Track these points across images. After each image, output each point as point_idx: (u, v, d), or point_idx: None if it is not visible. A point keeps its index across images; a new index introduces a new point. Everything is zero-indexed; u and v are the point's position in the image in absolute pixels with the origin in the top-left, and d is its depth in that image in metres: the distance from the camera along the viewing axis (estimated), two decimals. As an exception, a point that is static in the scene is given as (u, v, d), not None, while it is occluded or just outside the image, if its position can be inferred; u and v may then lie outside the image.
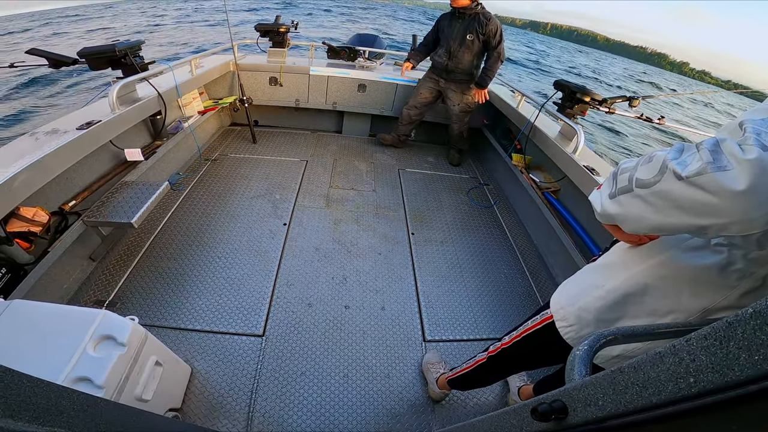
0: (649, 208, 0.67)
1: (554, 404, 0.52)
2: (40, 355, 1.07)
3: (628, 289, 0.86)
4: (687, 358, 0.37)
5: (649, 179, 0.66)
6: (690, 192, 0.60)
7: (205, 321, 1.93)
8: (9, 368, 0.49)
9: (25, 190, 1.58)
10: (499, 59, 3.19)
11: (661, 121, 2.89)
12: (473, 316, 2.22)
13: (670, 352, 0.39)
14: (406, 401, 1.76)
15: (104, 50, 2.35)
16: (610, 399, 0.45)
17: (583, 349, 0.62)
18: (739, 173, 0.54)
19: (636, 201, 0.70)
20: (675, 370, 0.38)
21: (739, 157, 0.54)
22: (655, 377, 0.40)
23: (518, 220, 3.16)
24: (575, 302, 0.97)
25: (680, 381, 0.37)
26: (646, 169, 0.68)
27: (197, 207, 2.73)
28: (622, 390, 0.44)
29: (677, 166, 0.61)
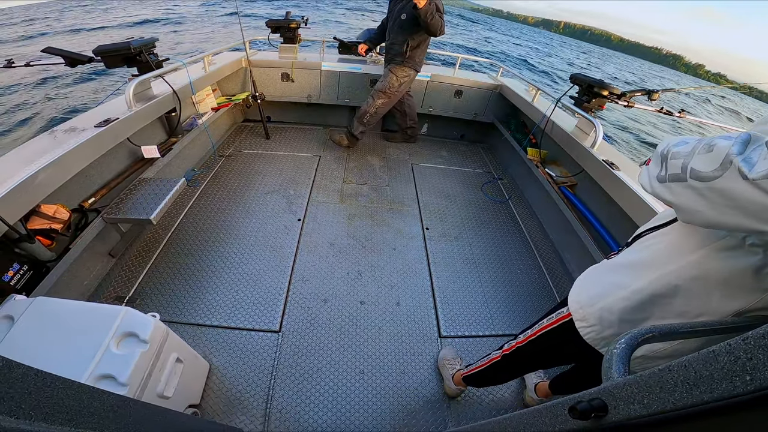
0: (706, 204, 0.62)
1: (593, 402, 0.52)
2: (64, 353, 1.08)
3: (656, 290, 0.82)
4: (743, 356, 0.37)
5: (708, 173, 0.60)
6: (756, 195, 0.54)
7: (222, 317, 1.95)
8: (42, 371, 0.49)
9: (45, 188, 1.60)
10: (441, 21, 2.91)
11: (682, 114, 2.83)
12: (489, 312, 2.20)
13: (725, 351, 0.39)
14: (421, 398, 1.76)
15: (119, 48, 2.36)
16: (657, 397, 0.44)
17: (621, 348, 0.61)
18: None
19: (691, 193, 0.65)
20: (730, 368, 0.38)
21: None
22: (707, 375, 0.40)
23: (533, 215, 3.12)
24: (596, 302, 0.94)
25: (735, 379, 0.37)
26: (704, 159, 0.62)
27: (213, 203, 2.75)
28: (671, 388, 0.43)
29: (743, 163, 0.55)
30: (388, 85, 3.33)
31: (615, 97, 2.67)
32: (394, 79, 3.30)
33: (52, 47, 2.29)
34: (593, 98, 2.73)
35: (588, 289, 1.01)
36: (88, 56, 2.34)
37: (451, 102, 4.06)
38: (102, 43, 2.39)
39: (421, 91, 3.98)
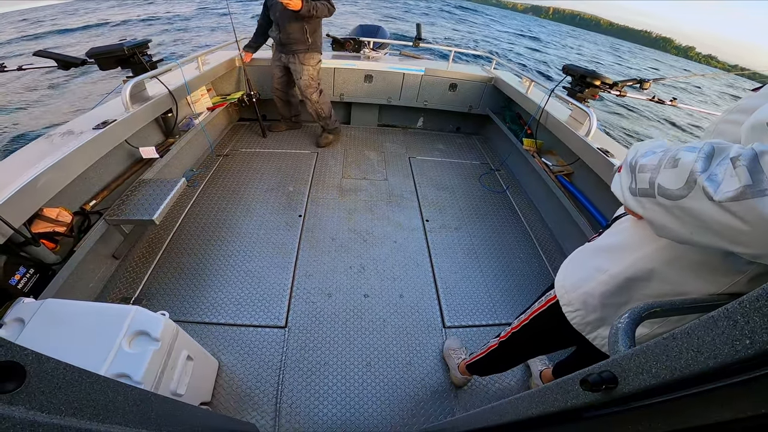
0: (676, 222, 0.61)
1: (603, 374, 0.53)
2: (76, 353, 1.09)
3: (632, 274, 0.82)
4: (741, 320, 0.38)
5: (674, 191, 0.59)
6: (723, 217, 0.52)
7: (228, 314, 1.96)
8: (70, 365, 0.50)
9: (47, 191, 1.61)
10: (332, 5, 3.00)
11: (674, 102, 2.85)
12: (491, 301, 2.23)
13: (724, 316, 0.40)
14: (428, 388, 1.78)
15: (112, 50, 2.34)
16: (664, 366, 0.45)
17: (624, 322, 0.62)
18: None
19: (660, 210, 0.63)
20: (730, 333, 0.38)
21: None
22: (710, 341, 0.40)
23: (532, 204, 3.15)
24: (579, 287, 0.95)
25: (736, 343, 0.37)
26: (670, 175, 0.60)
27: (213, 202, 2.75)
28: (676, 356, 0.44)
29: (708, 182, 0.53)
30: (309, 79, 3.30)
31: (607, 87, 2.69)
32: (311, 69, 3.26)
33: (44, 50, 2.28)
34: (586, 88, 2.74)
35: (572, 273, 1.01)
36: (81, 58, 2.33)
37: (446, 95, 4.07)
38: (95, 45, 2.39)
39: (415, 85, 3.98)
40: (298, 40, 3.09)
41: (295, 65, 3.25)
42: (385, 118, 4.40)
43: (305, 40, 3.10)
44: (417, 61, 4.15)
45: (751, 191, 0.49)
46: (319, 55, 3.29)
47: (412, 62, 4.07)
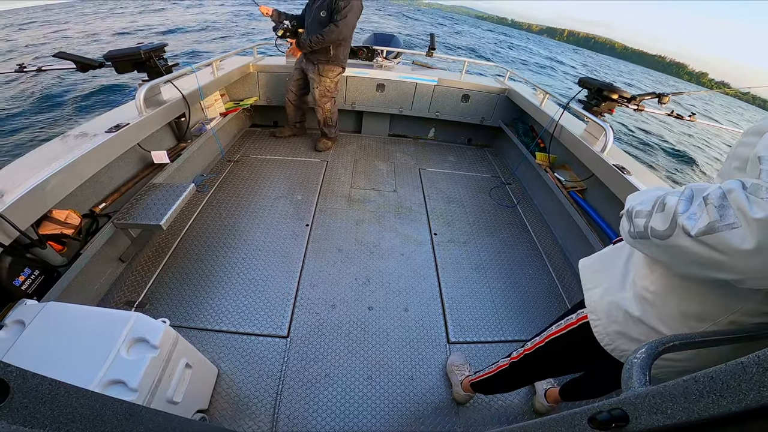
0: (671, 258, 0.69)
1: (614, 412, 0.52)
2: (74, 357, 1.08)
3: (654, 288, 0.83)
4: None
5: (662, 231, 0.67)
6: (701, 250, 0.60)
7: (230, 322, 1.95)
8: (56, 380, 0.49)
9: (57, 194, 1.62)
10: (335, 27, 2.94)
11: (692, 118, 2.80)
12: (498, 318, 2.18)
13: (754, 362, 0.39)
14: (430, 403, 1.74)
15: (130, 53, 2.38)
16: (681, 407, 0.44)
17: (641, 357, 0.61)
18: (746, 232, 0.54)
19: (657, 250, 0.71)
20: (758, 380, 0.38)
21: (748, 215, 0.54)
22: (735, 386, 0.40)
23: (543, 220, 3.10)
24: (605, 296, 0.96)
25: (764, 390, 0.37)
26: (659, 218, 0.68)
27: (221, 208, 2.76)
28: (696, 398, 0.43)
29: (687, 221, 0.62)
30: (325, 90, 3.34)
31: (625, 101, 2.65)
32: (328, 81, 3.30)
33: (64, 52, 2.32)
34: (603, 102, 2.71)
35: (602, 281, 1.01)
36: (99, 61, 2.36)
37: (458, 106, 4.06)
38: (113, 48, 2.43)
39: (428, 96, 3.98)
40: (321, 51, 3.13)
41: (313, 74, 3.28)
42: (396, 128, 4.40)
43: (327, 52, 3.13)
44: (430, 71, 4.16)
45: (719, 224, 0.57)
46: (340, 68, 3.31)
47: (424, 72, 4.07)
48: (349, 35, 3.12)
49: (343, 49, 3.21)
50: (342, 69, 3.35)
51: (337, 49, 3.15)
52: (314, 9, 3.04)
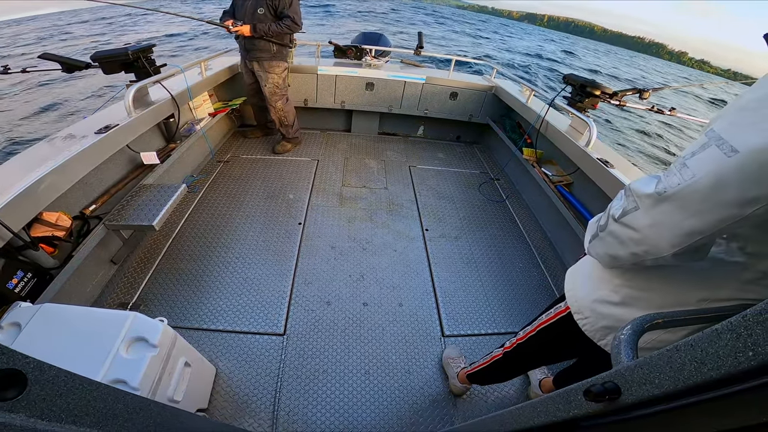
0: (605, 245, 0.83)
1: (606, 385, 0.54)
2: (74, 358, 1.08)
3: (632, 284, 0.87)
4: (744, 333, 0.38)
5: (604, 224, 0.83)
6: (622, 230, 0.75)
7: (226, 321, 1.95)
8: (71, 372, 0.50)
9: (48, 195, 1.60)
10: (294, 23, 2.96)
11: (673, 112, 2.88)
12: (490, 311, 2.22)
13: (727, 329, 0.40)
14: (427, 396, 1.77)
15: (117, 54, 2.36)
16: (667, 377, 0.46)
17: (627, 333, 0.64)
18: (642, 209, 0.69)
19: (599, 242, 0.86)
20: (733, 345, 0.39)
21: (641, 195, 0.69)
22: (713, 353, 0.41)
23: (531, 214, 3.15)
24: (589, 296, 0.98)
25: (739, 355, 0.38)
26: (603, 217, 0.85)
27: (213, 208, 2.75)
28: (679, 367, 0.45)
29: (613, 210, 0.79)
30: (274, 87, 3.24)
31: (607, 96, 2.71)
32: (275, 77, 3.20)
33: (49, 53, 2.28)
34: (586, 98, 2.77)
35: (582, 284, 1.03)
36: (86, 62, 2.33)
37: (447, 104, 4.10)
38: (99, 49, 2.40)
39: (416, 94, 4.00)
40: (262, 47, 3.05)
41: (259, 72, 3.20)
42: (386, 126, 4.42)
43: (269, 49, 3.07)
44: (418, 70, 4.18)
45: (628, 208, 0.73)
46: (285, 63, 3.23)
47: (413, 70, 4.10)
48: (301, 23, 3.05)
49: (284, 44, 3.14)
50: (286, 63, 3.26)
51: (278, 45, 3.08)
52: (248, 6, 2.93)
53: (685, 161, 0.62)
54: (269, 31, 2.91)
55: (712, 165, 0.58)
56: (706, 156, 0.59)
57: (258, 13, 2.91)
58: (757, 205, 0.54)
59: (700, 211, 0.60)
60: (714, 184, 0.57)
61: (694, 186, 0.60)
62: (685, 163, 0.62)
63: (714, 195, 0.58)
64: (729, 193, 0.56)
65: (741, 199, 0.55)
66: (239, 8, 3.00)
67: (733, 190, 0.55)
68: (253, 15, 2.92)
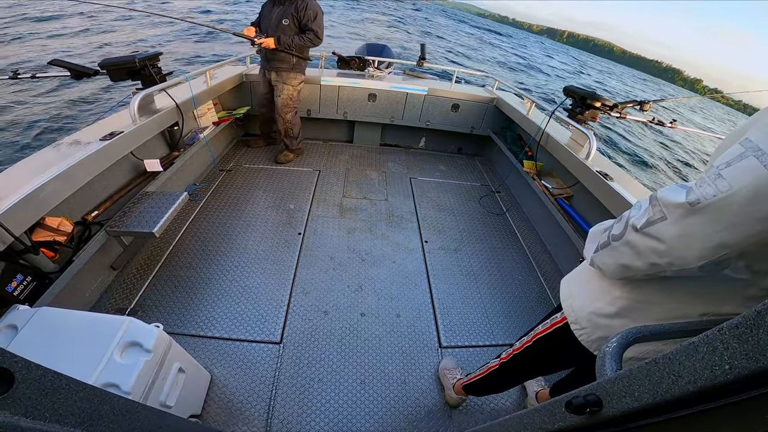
0: (618, 255, 0.81)
1: (588, 397, 0.53)
2: (67, 361, 1.09)
3: (632, 296, 0.86)
4: (720, 346, 0.38)
5: (619, 233, 0.80)
6: (644, 240, 0.72)
7: (223, 328, 1.95)
8: (59, 373, 0.50)
9: (50, 201, 1.62)
10: (317, 37, 3.02)
11: (674, 124, 2.89)
12: (488, 323, 2.21)
13: (704, 342, 0.40)
14: (423, 407, 1.76)
15: (124, 61, 2.40)
16: (646, 390, 0.46)
17: (612, 346, 0.64)
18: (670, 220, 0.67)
19: (611, 252, 0.83)
20: (710, 359, 0.39)
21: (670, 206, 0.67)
22: (690, 366, 0.41)
23: (531, 227, 3.15)
24: (587, 307, 0.98)
25: (716, 369, 0.38)
26: (618, 226, 0.82)
27: (214, 217, 2.77)
28: (658, 380, 0.45)
29: (634, 220, 0.75)
30: (287, 99, 3.30)
31: (607, 109, 2.73)
32: (291, 89, 3.27)
33: (58, 60, 2.33)
34: (586, 110, 2.79)
35: (579, 295, 1.03)
36: (94, 69, 2.38)
37: (448, 116, 4.13)
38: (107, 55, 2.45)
39: (418, 105, 4.04)
40: (282, 58, 3.12)
41: (276, 81, 3.26)
42: (388, 137, 4.45)
43: (289, 59, 3.13)
44: (420, 81, 4.22)
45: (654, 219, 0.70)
46: (302, 75, 3.29)
47: (415, 82, 4.14)
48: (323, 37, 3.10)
49: (304, 56, 3.19)
50: (303, 76, 3.32)
51: (299, 57, 3.14)
52: (274, 17, 3.01)
53: (720, 172, 0.60)
54: (292, 44, 2.98)
55: (750, 177, 0.56)
56: (744, 167, 0.57)
57: (283, 23, 2.98)
58: None
59: (734, 224, 0.58)
60: (752, 197, 0.55)
61: (731, 198, 0.57)
62: (720, 174, 0.60)
63: (750, 208, 0.56)
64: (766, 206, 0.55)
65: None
66: (265, 18, 3.09)
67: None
68: (278, 26, 3.00)
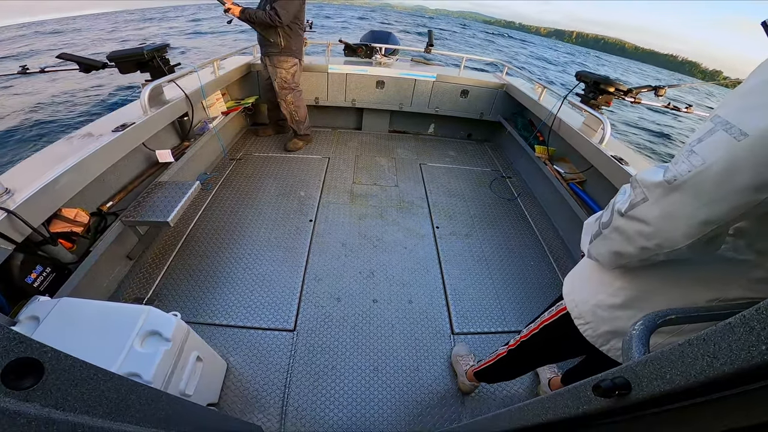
0: (609, 243, 0.80)
1: (616, 380, 0.52)
2: (90, 351, 1.10)
3: (634, 285, 0.84)
4: (758, 326, 0.37)
5: (607, 220, 0.80)
6: (630, 224, 0.72)
7: (237, 317, 1.98)
8: (87, 362, 0.50)
9: (66, 192, 1.64)
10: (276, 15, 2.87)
11: (689, 109, 2.82)
12: (500, 308, 2.21)
13: (741, 322, 0.39)
14: (435, 394, 1.77)
15: (133, 53, 2.41)
16: (679, 371, 0.45)
17: (639, 329, 0.62)
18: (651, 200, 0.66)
19: (603, 240, 0.83)
20: (746, 339, 0.38)
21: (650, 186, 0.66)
22: (726, 347, 0.40)
23: (543, 212, 3.13)
24: (589, 300, 0.95)
25: (752, 349, 0.37)
26: (606, 214, 0.83)
27: (225, 205, 2.79)
28: (691, 362, 0.43)
29: (618, 205, 0.75)
30: (282, 81, 3.28)
31: (621, 94, 2.67)
32: (284, 72, 3.24)
33: (67, 53, 2.33)
34: (600, 95, 2.73)
35: (581, 287, 1.01)
36: (102, 62, 2.38)
37: (458, 102, 4.08)
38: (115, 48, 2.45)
39: (427, 92, 4.00)
40: (271, 42, 3.10)
41: (270, 66, 3.26)
42: (397, 124, 4.42)
43: (278, 44, 3.10)
44: (428, 67, 4.17)
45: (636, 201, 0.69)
46: (294, 59, 3.25)
47: (423, 68, 4.09)
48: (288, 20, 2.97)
49: (293, 40, 3.14)
50: (297, 61, 3.29)
51: (287, 40, 3.11)
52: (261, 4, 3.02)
53: (693, 148, 0.61)
54: (254, 15, 2.93)
55: (722, 150, 0.56)
56: (715, 141, 0.57)
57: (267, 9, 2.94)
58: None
59: (713, 200, 0.58)
60: (726, 169, 0.56)
61: (705, 173, 0.58)
62: (693, 150, 0.60)
63: (727, 180, 0.56)
64: (743, 177, 0.54)
65: (756, 183, 0.54)
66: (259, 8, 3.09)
67: (746, 175, 0.54)
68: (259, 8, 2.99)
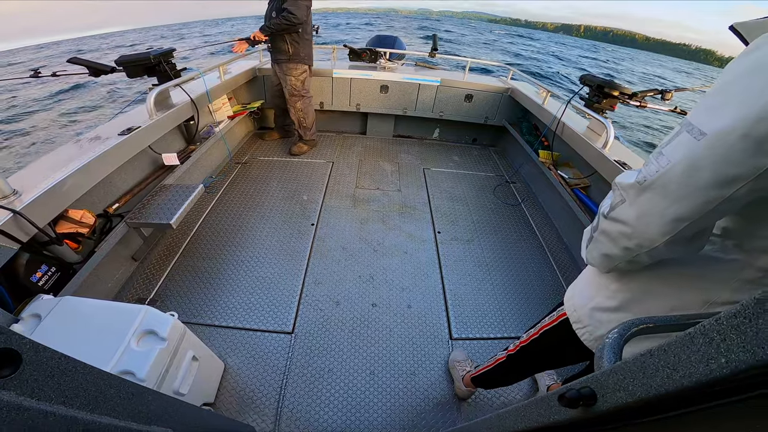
0: (598, 246, 0.82)
1: (582, 390, 0.51)
2: (87, 349, 1.14)
3: (630, 287, 0.85)
4: (717, 337, 0.36)
5: (596, 224, 0.83)
6: (612, 226, 0.74)
7: (237, 318, 2.01)
8: (66, 355, 0.52)
9: (73, 194, 1.69)
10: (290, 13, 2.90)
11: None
12: (500, 314, 2.21)
13: (700, 332, 0.37)
14: (432, 399, 1.77)
15: (140, 58, 2.47)
16: (640, 383, 0.43)
17: (612, 337, 0.61)
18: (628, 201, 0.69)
19: (594, 244, 0.85)
20: (706, 351, 0.36)
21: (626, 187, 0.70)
22: (685, 359, 0.39)
23: (547, 218, 3.11)
24: (587, 303, 0.96)
25: (711, 362, 0.35)
26: (596, 218, 0.85)
27: (229, 208, 2.83)
28: (652, 373, 0.42)
29: (603, 208, 0.79)
30: (292, 88, 3.33)
31: (626, 98, 2.65)
32: (293, 80, 3.29)
33: (77, 58, 2.40)
34: (604, 98, 2.71)
35: (580, 291, 1.02)
36: (111, 66, 2.44)
37: (462, 106, 4.08)
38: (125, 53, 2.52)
39: (431, 96, 4.01)
40: (280, 49, 3.15)
41: (280, 73, 3.32)
42: (401, 128, 4.44)
43: (286, 51, 3.14)
44: (433, 72, 4.18)
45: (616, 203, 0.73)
46: (304, 66, 3.29)
47: (427, 73, 4.10)
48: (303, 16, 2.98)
49: (302, 46, 3.17)
50: (307, 67, 3.33)
51: (296, 47, 3.14)
52: (268, 11, 3.09)
53: (662, 150, 0.64)
54: (272, 25, 2.98)
55: (684, 150, 0.59)
56: (678, 142, 0.61)
57: (272, 17, 3.01)
58: (737, 185, 0.55)
59: (681, 197, 0.61)
60: (688, 167, 0.59)
61: (670, 172, 0.61)
62: (661, 152, 0.64)
63: (690, 179, 0.59)
64: (704, 175, 0.57)
65: (717, 180, 0.56)
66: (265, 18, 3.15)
67: (707, 172, 0.56)
68: (269, 19, 3.03)
